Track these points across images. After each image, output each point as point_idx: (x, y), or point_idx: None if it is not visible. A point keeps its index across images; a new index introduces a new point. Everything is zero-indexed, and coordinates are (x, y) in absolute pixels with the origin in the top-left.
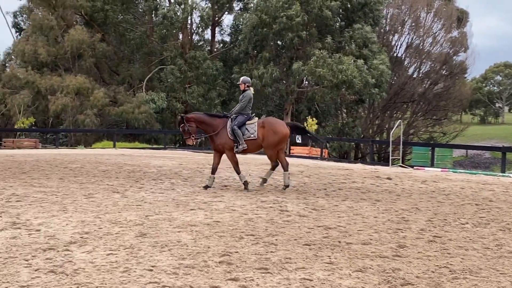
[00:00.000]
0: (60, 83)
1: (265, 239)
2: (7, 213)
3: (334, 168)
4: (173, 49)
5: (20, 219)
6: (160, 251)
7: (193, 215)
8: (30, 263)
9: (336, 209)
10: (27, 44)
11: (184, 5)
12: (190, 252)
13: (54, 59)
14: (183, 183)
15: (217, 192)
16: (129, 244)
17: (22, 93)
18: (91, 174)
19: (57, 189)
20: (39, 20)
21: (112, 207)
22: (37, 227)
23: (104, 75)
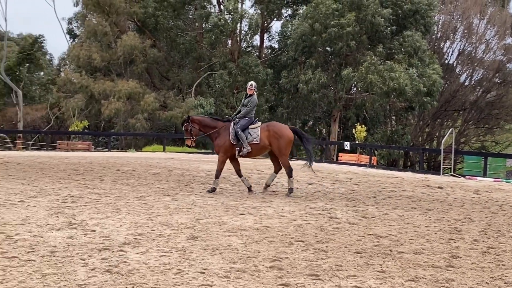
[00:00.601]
0: (112, 87)
1: (315, 245)
2: (63, 213)
3: (383, 176)
4: (221, 55)
5: (76, 219)
6: (211, 254)
7: (243, 219)
8: (87, 263)
9: (387, 218)
10: (82, 50)
11: (233, 12)
12: (241, 256)
13: (107, 64)
14: (231, 188)
15: (265, 198)
16: (181, 246)
17: (76, 97)
18: (142, 177)
19: (110, 191)
20: (93, 26)
21: (164, 209)
22: (92, 227)
23: (154, 80)
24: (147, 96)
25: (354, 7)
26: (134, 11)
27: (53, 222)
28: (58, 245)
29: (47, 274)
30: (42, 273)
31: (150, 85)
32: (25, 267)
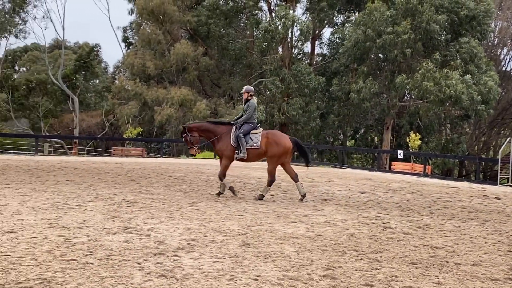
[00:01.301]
0: (165, 95)
1: (369, 255)
2: (119, 217)
3: (438, 186)
4: (272, 62)
5: (131, 224)
6: (264, 261)
7: (294, 227)
8: (142, 266)
9: (442, 228)
10: (136, 58)
11: (285, 19)
12: (294, 264)
13: (160, 72)
14: (282, 195)
15: (317, 206)
16: (234, 253)
17: (130, 104)
18: (194, 183)
19: (163, 197)
20: (147, 35)
21: (216, 216)
22: (147, 232)
23: (206, 88)
24: (198, 103)
25: (408, 13)
26: (188, 19)
27: (110, 226)
28: (115, 248)
29: (104, 277)
30: (100, 276)
31: (202, 92)
32: (83, 269)
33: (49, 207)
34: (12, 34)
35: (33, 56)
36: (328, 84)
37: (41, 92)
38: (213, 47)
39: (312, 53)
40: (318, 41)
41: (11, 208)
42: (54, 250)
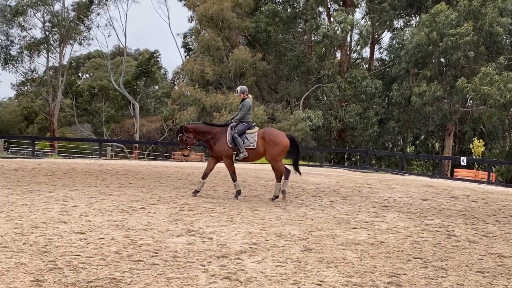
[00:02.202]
0: (223, 100)
1: (434, 263)
2: (181, 220)
3: (503, 194)
4: (331, 67)
5: (194, 227)
6: (327, 267)
7: (356, 233)
8: (207, 269)
9: (510, 237)
10: (195, 64)
11: (344, 23)
12: (357, 271)
13: (219, 78)
14: (342, 201)
15: (378, 213)
16: (296, 257)
17: (189, 109)
18: (253, 188)
19: (223, 200)
20: (206, 41)
21: (276, 220)
22: (209, 235)
23: (263, 93)
24: (256, 109)
25: (471, 16)
26: (246, 25)
27: (173, 228)
28: (179, 250)
29: (171, 278)
30: (166, 277)
31: (259, 98)
32: (150, 270)
33: (114, 209)
34: (76, 41)
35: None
36: (388, 89)
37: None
38: (270, 53)
39: (371, 58)
40: (377, 45)
41: (78, 210)
42: (122, 251)
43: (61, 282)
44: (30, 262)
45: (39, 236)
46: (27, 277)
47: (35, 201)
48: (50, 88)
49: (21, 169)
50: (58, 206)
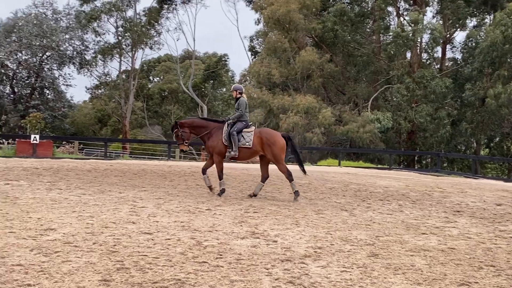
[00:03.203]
0: (290, 102)
1: (508, 271)
2: (246, 222)
3: None
4: (400, 67)
5: (258, 229)
6: (394, 273)
7: (425, 239)
8: (270, 272)
9: None
10: (262, 66)
11: (415, 23)
12: (426, 278)
13: (285, 80)
14: (411, 205)
15: (449, 218)
16: (362, 263)
17: (256, 111)
18: (319, 191)
19: (288, 203)
20: (273, 43)
21: (342, 224)
22: (273, 238)
23: (330, 95)
24: (324, 111)
25: None
26: (313, 27)
27: (238, 230)
28: (243, 253)
29: (234, 281)
30: (230, 279)
31: (326, 100)
32: (214, 272)
33: (181, 210)
34: (147, 45)
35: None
36: (461, 90)
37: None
38: (338, 54)
39: (442, 58)
40: (449, 45)
41: (147, 210)
42: (187, 252)
43: (128, 282)
44: (99, 261)
45: (109, 236)
46: (96, 276)
47: (106, 201)
48: (122, 91)
49: (94, 170)
50: (127, 207)
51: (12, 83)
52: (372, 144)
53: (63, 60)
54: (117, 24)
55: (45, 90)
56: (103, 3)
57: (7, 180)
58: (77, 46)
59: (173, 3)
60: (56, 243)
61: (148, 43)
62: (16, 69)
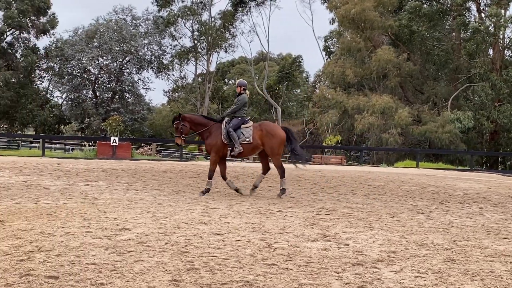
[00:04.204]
0: (365, 102)
1: None
2: (318, 225)
3: None
4: (482, 65)
5: (330, 232)
6: (471, 279)
7: (507, 244)
8: (341, 276)
9: None
10: (336, 66)
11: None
12: (506, 285)
13: (360, 80)
14: (493, 208)
15: None
16: (438, 268)
17: (330, 112)
18: (394, 193)
19: (362, 206)
20: (347, 43)
21: (418, 228)
22: (345, 241)
23: (408, 94)
24: (400, 111)
25: None
26: (389, 24)
27: (309, 233)
28: (313, 256)
29: (303, 284)
30: (299, 283)
31: (403, 99)
32: (283, 275)
33: (252, 212)
34: (222, 48)
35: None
36: None
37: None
38: (415, 52)
39: None
40: None
41: (219, 211)
42: (256, 254)
43: (197, 283)
44: (170, 261)
45: (180, 236)
46: (166, 276)
47: (179, 202)
48: (198, 94)
49: (170, 171)
50: (200, 208)
51: (94, 87)
52: (452, 145)
53: (142, 65)
54: (193, 28)
55: (125, 93)
56: (179, 7)
57: (87, 181)
58: (155, 51)
59: (247, 6)
60: (130, 242)
61: (223, 46)
62: (98, 74)
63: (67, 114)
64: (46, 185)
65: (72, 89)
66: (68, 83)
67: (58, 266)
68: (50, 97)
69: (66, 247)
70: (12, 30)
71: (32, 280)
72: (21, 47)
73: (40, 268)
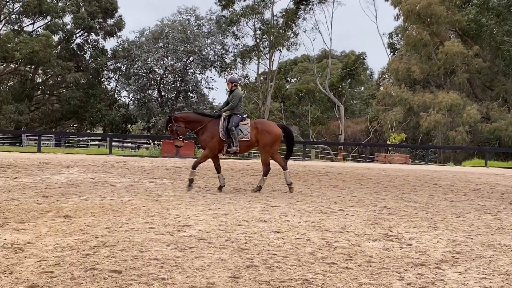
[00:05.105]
0: (432, 99)
1: None
2: (380, 224)
3: None
4: None
5: (392, 231)
6: None
7: None
8: (403, 276)
9: None
10: (401, 63)
11: None
12: None
13: (426, 76)
14: None
15: None
16: (504, 270)
17: (394, 110)
18: (461, 193)
19: (426, 205)
20: (413, 38)
21: (484, 228)
22: (408, 241)
23: (476, 91)
24: (469, 108)
25: None
26: (457, 19)
27: (370, 232)
28: (375, 255)
29: (363, 284)
30: (359, 282)
31: (471, 96)
32: (343, 274)
33: (313, 210)
34: (284, 47)
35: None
36: None
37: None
38: (484, 47)
39: None
40: None
41: (279, 210)
42: (316, 252)
43: (256, 280)
44: (229, 258)
45: (241, 233)
46: (225, 273)
47: (240, 199)
48: (260, 92)
49: (231, 169)
50: (260, 205)
51: (159, 87)
52: None
53: (205, 64)
54: (255, 27)
55: (189, 93)
56: (242, 7)
57: (151, 179)
58: (218, 50)
59: (310, 3)
60: (191, 239)
61: (285, 44)
62: (163, 74)
63: (134, 113)
64: (112, 182)
65: (138, 89)
66: (134, 83)
67: (122, 261)
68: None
69: (130, 243)
70: (81, 32)
71: (96, 274)
72: (90, 49)
73: (105, 262)
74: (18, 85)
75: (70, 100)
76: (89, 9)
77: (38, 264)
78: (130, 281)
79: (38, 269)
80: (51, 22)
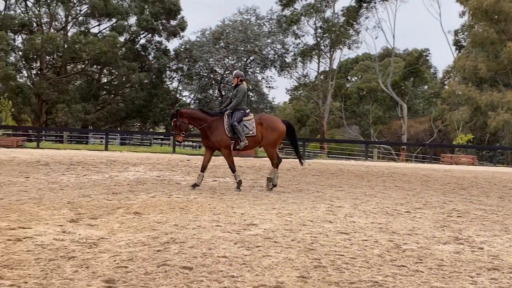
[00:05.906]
0: (500, 98)
1: None
2: (449, 227)
3: None
4: None
5: (462, 234)
6: None
7: None
8: (475, 281)
9: None
10: (467, 61)
11: None
12: None
13: (493, 75)
14: None
15: None
16: None
17: (460, 109)
18: None
19: (497, 208)
20: (479, 36)
21: None
22: (479, 244)
23: None
24: None
25: None
26: None
27: (439, 235)
28: (445, 259)
29: (435, 287)
30: (430, 285)
31: None
32: (413, 277)
33: (379, 212)
34: (345, 45)
35: (364, 65)
36: None
37: (371, 99)
38: None
39: None
40: None
41: (344, 210)
42: (385, 255)
43: (325, 280)
44: (297, 258)
45: (306, 233)
46: (294, 272)
47: (303, 199)
48: (320, 92)
49: (293, 169)
50: (324, 206)
51: (220, 86)
52: None
53: (265, 64)
54: (316, 25)
55: (249, 92)
56: (303, 5)
57: (214, 177)
58: (278, 50)
59: (372, 1)
60: (257, 238)
61: (346, 43)
62: (224, 73)
63: None
64: (177, 180)
65: (200, 89)
66: (196, 83)
67: (192, 258)
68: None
69: (198, 240)
70: (145, 33)
71: (168, 270)
72: (154, 50)
73: (176, 258)
74: (85, 85)
75: (134, 99)
76: (152, 10)
77: (112, 259)
78: (201, 278)
79: (113, 264)
80: (117, 24)
